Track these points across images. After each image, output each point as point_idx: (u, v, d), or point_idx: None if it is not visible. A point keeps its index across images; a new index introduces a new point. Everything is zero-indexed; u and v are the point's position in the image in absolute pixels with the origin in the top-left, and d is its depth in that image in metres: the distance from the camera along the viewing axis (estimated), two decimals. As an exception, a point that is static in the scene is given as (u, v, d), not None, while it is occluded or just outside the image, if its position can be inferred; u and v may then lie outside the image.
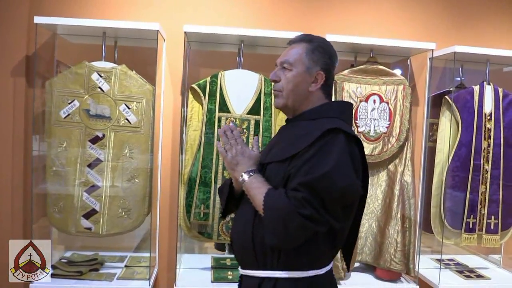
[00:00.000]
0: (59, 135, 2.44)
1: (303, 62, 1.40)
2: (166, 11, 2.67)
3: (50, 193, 2.47)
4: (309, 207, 1.21)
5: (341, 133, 1.29)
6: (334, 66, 1.46)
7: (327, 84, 1.43)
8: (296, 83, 1.40)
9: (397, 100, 2.61)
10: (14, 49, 2.52)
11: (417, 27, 2.90)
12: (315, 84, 1.41)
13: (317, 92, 1.42)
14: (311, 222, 1.22)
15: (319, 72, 1.40)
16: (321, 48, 1.41)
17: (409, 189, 2.60)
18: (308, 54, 1.40)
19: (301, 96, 1.42)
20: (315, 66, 1.40)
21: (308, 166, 1.26)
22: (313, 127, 1.33)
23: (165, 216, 2.72)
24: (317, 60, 1.40)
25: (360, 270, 2.74)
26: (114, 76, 2.44)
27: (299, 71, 1.40)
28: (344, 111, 1.46)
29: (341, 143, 1.28)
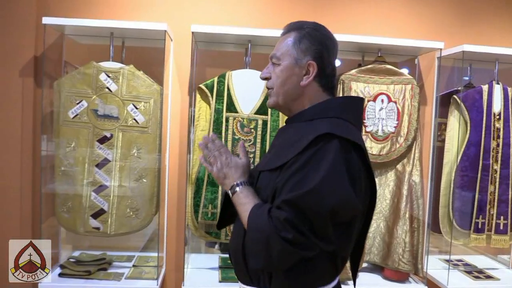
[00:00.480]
0: (68, 135, 2.45)
1: (290, 53, 1.24)
2: (173, 11, 2.68)
3: (59, 193, 2.48)
4: (292, 230, 1.06)
5: (335, 139, 1.11)
6: (331, 53, 1.25)
7: (323, 75, 1.24)
8: (285, 78, 1.25)
9: (405, 99, 2.59)
10: (22, 50, 2.53)
11: (425, 26, 2.88)
12: (307, 77, 1.24)
13: (311, 86, 1.25)
14: (295, 247, 1.07)
15: (309, 62, 1.23)
16: (310, 35, 1.23)
17: (418, 189, 2.58)
18: (296, 43, 1.24)
19: (293, 92, 1.26)
20: (304, 56, 1.23)
21: (294, 180, 1.11)
22: (307, 131, 1.17)
23: (173, 216, 2.72)
24: (306, 49, 1.23)
25: (368, 270, 2.73)
26: (122, 76, 2.45)
27: (287, 64, 1.24)
28: (348, 109, 1.26)
29: (333, 151, 1.10)
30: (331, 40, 1.26)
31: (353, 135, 1.16)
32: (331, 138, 1.11)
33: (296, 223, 1.07)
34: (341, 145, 1.11)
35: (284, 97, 1.28)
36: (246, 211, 1.18)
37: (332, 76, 1.27)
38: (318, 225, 1.08)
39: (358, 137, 1.19)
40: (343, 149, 1.11)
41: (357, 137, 1.18)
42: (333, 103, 1.25)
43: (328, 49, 1.24)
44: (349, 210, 1.12)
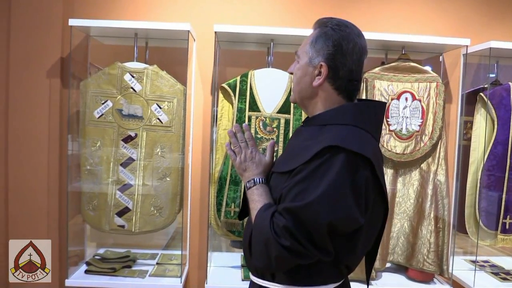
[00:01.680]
0: (93, 135, 2.49)
1: (307, 52, 1.23)
2: (196, 11, 2.70)
3: (85, 191, 2.54)
4: (289, 238, 1.07)
5: (342, 152, 1.08)
6: (347, 55, 1.18)
7: (336, 77, 1.20)
8: (300, 77, 1.25)
9: (430, 97, 2.55)
10: (49, 51, 2.58)
11: (449, 22, 2.83)
12: (319, 78, 1.21)
13: (324, 87, 1.22)
14: (291, 254, 1.08)
15: (321, 63, 1.20)
16: (326, 34, 1.19)
17: (443, 189, 2.54)
18: (313, 43, 1.22)
19: (306, 91, 1.25)
20: (317, 56, 1.20)
21: (297, 190, 1.11)
22: (317, 138, 1.15)
23: (196, 214, 2.75)
24: (320, 49, 1.20)
25: (391, 270, 2.70)
26: (146, 77, 2.48)
27: (303, 63, 1.24)
28: (364, 115, 1.21)
29: (338, 165, 1.07)
30: (349, 42, 1.19)
31: (364, 147, 1.11)
32: (338, 150, 1.09)
33: (294, 232, 1.07)
34: (347, 159, 1.08)
35: (299, 95, 1.28)
36: (255, 209, 1.20)
37: (349, 80, 1.21)
38: (316, 236, 1.08)
39: (370, 148, 1.14)
40: (349, 163, 1.08)
41: (369, 148, 1.13)
42: (348, 109, 1.21)
43: (343, 51, 1.18)
44: (348, 225, 1.10)
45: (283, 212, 1.10)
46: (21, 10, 2.55)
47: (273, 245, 1.09)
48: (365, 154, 1.10)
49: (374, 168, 1.13)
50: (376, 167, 1.13)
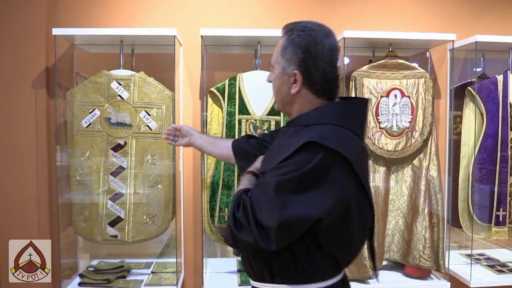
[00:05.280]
0: (82, 145, 2.46)
1: (279, 62, 1.23)
2: (181, 16, 2.68)
3: (75, 202, 2.50)
4: (242, 211, 1.13)
5: (320, 149, 1.08)
6: (318, 58, 1.18)
7: (312, 82, 1.20)
8: (278, 86, 1.27)
9: (419, 93, 2.56)
10: (33, 61, 2.55)
11: (435, 17, 2.85)
12: (295, 86, 1.21)
13: (303, 93, 1.22)
14: (235, 225, 1.13)
15: (294, 72, 1.20)
16: (293, 42, 1.19)
17: (435, 184, 2.54)
18: (283, 51, 1.21)
19: (286, 99, 1.26)
20: (289, 65, 1.21)
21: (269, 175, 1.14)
22: (299, 137, 1.15)
23: (189, 221, 2.72)
24: (290, 58, 1.20)
25: (388, 268, 2.69)
26: (133, 84, 2.45)
27: (277, 73, 1.25)
28: (346, 114, 1.21)
29: (314, 163, 1.08)
30: (317, 45, 1.17)
31: (343, 145, 1.11)
32: (317, 147, 1.08)
33: (248, 208, 1.11)
34: (324, 156, 1.08)
35: (281, 103, 1.30)
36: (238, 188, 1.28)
37: (325, 82, 1.20)
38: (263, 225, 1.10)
39: (351, 147, 1.14)
40: (326, 160, 1.08)
41: (349, 147, 1.13)
42: (329, 109, 1.21)
43: (313, 55, 1.17)
44: (302, 224, 1.10)
45: (251, 195, 1.15)
46: (3, 20, 2.51)
47: (231, 215, 1.16)
48: (343, 152, 1.09)
49: (354, 167, 1.12)
50: (355, 165, 1.12)
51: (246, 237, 1.11)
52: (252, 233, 1.10)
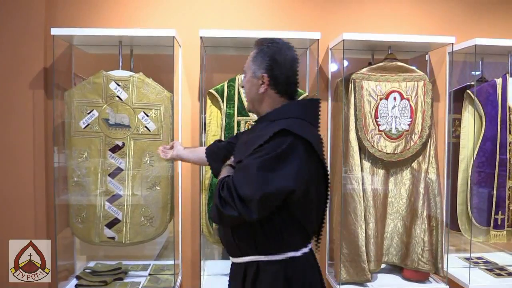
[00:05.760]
0: (80, 145, 2.44)
1: (250, 68, 1.50)
2: (180, 17, 2.67)
3: (72, 203, 2.48)
4: (226, 191, 1.33)
5: (289, 135, 1.33)
6: (282, 65, 1.45)
7: (277, 83, 1.46)
8: (248, 88, 1.52)
9: (418, 96, 2.55)
10: (32, 62, 2.54)
11: (434, 21, 2.85)
12: (263, 86, 1.47)
13: (269, 93, 1.48)
14: (221, 203, 1.33)
15: (262, 75, 1.46)
16: (263, 51, 1.47)
17: (434, 187, 2.54)
18: (253, 59, 1.49)
19: (255, 99, 1.51)
20: (259, 70, 1.47)
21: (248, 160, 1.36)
22: (269, 129, 1.38)
23: (187, 223, 2.70)
24: (259, 63, 1.47)
25: (386, 271, 2.68)
26: (132, 84, 2.44)
27: (249, 77, 1.51)
28: (305, 110, 1.48)
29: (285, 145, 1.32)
30: (282, 54, 1.46)
31: (306, 132, 1.37)
32: (287, 133, 1.34)
33: (231, 187, 1.33)
34: (293, 140, 1.33)
35: (251, 102, 1.55)
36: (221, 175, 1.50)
37: (287, 84, 1.47)
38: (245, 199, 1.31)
39: (311, 134, 1.40)
40: (295, 143, 1.34)
41: (310, 134, 1.39)
42: (291, 106, 1.48)
43: (278, 62, 1.45)
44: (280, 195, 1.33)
45: (233, 177, 1.37)
46: (1, 20, 2.49)
47: (215, 195, 1.36)
48: (306, 137, 1.35)
49: (314, 149, 1.38)
50: (316, 147, 1.39)
51: (231, 212, 1.32)
52: (236, 207, 1.31)
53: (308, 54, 2.70)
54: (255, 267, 1.45)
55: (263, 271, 1.44)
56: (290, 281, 1.42)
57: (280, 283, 1.42)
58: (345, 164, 2.51)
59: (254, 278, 1.45)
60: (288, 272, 1.43)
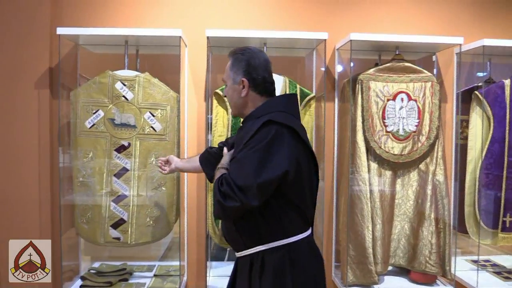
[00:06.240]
0: (85, 145, 2.43)
1: (229, 76, 1.63)
2: (187, 17, 2.66)
3: (78, 204, 2.47)
4: (226, 185, 1.42)
5: (274, 125, 1.45)
6: (258, 68, 1.58)
7: (256, 85, 1.58)
8: (231, 94, 1.64)
9: (426, 97, 2.53)
10: (37, 61, 2.53)
11: (442, 21, 2.83)
12: (244, 90, 1.59)
13: (250, 95, 1.59)
14: (222, 196, 1.41)
15: (241, 80, 1.58)
16: (238, 59, 1.60)
17: (442, 189, 2.51)
18: (231, 68, 1.62)
19: (239, 103, 1.62)
20: (237, 76, 1.59)
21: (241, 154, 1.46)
22: (255, 124, 1.49)
23: (193, 224, 2.69)
24: (237, 70, 1.59)
25: (393, 273, 2.66)
26: (138, 84, 2.43)
27: (229, 84, 1.63)
28: (285, 104, 1.61)
29: (272, 133, 1.43)
30: (255, 58, 1.59)
31: (289, 121, 1.49)
32: (271, 123, 1.46)
33: (230, 181, 1.41)
34: (277, 129, 1.45)
35: (235, 107, 1.66)
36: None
37: (265, 83, 1.60)
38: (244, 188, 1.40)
39: (294, 123, 1.52)
40: (280, 131, 1.45)
41: (292, 122, 1.51)
42: (272, 102, 1.60)
43: (253, 66, 1.58)
44: (275, 180, 1.42)
45: (229, 172, 1.47)
46: (7, 19, 2.49)
47: (216, 192, 1.44)
48: (290, 124, 1.48)
49: (299, 135, 1.50)
50: (300, 133, 1.51)
51: (233, 203, 1.40)
52: (237, 197, 1.39)
53: (315, 54, 2.68)
54: (260, 256, 1.53)
55: (268, 259, 1.51)
56: (294, 262, 1.51)
57: (286, 265, 1.51)
58: (352, 165, 2.49)
59: (260, 267, 1.52)
60: (292, 255, 1.52)
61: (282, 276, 1.50)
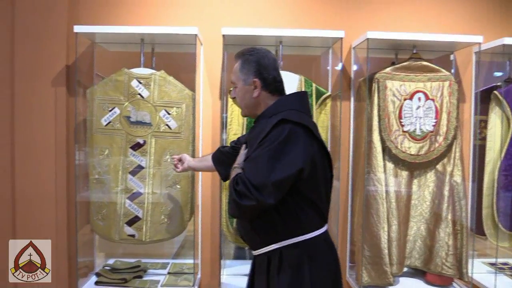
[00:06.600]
0: (101, 143, 2.45)
1: (239, 78, 1.62)
2: (202, 15, 2.66)
3: (93, 200, 2.48)
4: (241, 184, 1.42)
5: (288, 123, 1.45)
6: (268, 67, 1.60)
7: (267, 84, 1.59)
8: (242, 96, 1.64)
9: (443, 97, 2.50)
10: (54, 59, 2.55)
11: (460, 19, 2.78)
12: (256, 90, 1.59)
13: (262, 95, 1.60)
14: (237, 196, 1.41)
15: (253, 80, 1.59)
16: (247, 60, 1.61)
17: (459, 190, 2.47)
18: (241, 69, 1.62)
19: (250, 104, 1.63)
20: (248, 77, 1.60)
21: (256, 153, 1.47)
22: (268, 123, 1.50)
23: (207, 222, 2.69)
24: (247, 71, 1.60)
25: (409, 275, 2.62)
26: (154, 82, 2.43)
27: (240, 85, 1.63)
28: (297, 102, 1.61)
29: (286, 131, 1.43)
30: (265, 58, 1.60)
31: (302, 119, 1.49)
32: (285, 122, 1.46)
33: (246, 181, 1.41)
34: (291, 127, 1.45)
35: (247, 108, 1.66)
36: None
37: (275, 82, 1.61)
38: (260, 187, 1.40)
39: (307, 120, 1.53)
40: (294, 129, 1.45)
41: (306, 120, 1.52)
42: (284, 101, 1.61)
43: (264, 65, 1.59)
44: (290, 178, 1.43)
45: (244, 172, 1.47)
46: (25, 17, 2.51)
47: (231, 191, 1.45)
48: (303, 122, 1.48)
49: (313, 133, 1.51)
50: (313, 130, 1.51)
51: (249, 203, 1.40)
52: (253, 196, 1.39)
53: (331, 53, 2.66)
54: (278, 254, 1.53)
55: (286, 256, 1.52)
56: (312, 259, 1.51)
57: (304, 261, 1.50)
58: (367, 165, 2.47)
59: (278, 264, 1.52)
60: (310, 252, 1.52)
61: (300, 272, 1.50)
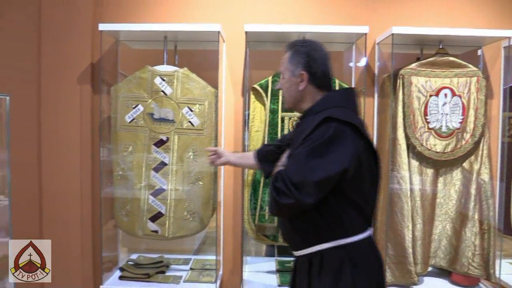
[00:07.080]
0: (125, 140, 2.48)
1: (287, 68, 1.59)
2: (225, 12, 2.66)
3: (117, 196, 2.52)
4: (281, 181, 1.39)
5: (334, 121, 1.40)
6: (318, 61, 1.55)
7: (315, 78, 1.55)
8: (287, 87, 1.60)
9: (471, 93, 2.43)
10: (79, 57, 2.60)
11: (488, 13, 2.70)
12: (302, 83, 1.56)
13: (308, 88, 1.56)
14: (276, 193, 1.40)
15: (300, 73, 1.55)
16: (298, 51, 1.57)
17: (487, 189, 2.41)
18: (290, 60, 1.58)
19: (295, 96, 1.59)
20: (296, 68, 1.56)
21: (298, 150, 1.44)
22: (314, 120, 1.45)
23: (229, 219, 2.69)
24: (297, 63, 1.56)
25: (434, 274, 2.58)
26: (177, 79, 2.45)
27: (287, 77, 1.59)
28: (344, 99, 1.57)
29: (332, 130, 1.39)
30: (316, 51, 1.56)
31: (350, 117, 1.44)
32: (331, 120, 1.41)
33: (285, 178, 1.39)
34: (337, 125, 1.41)
35: (291, 101, 1.62)
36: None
37: (323, 77, 1.56)
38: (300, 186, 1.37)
39: (354, 119, 1.48)
40: (340, 127, 1.41)
41: (353, 118, 1.47)
42: (331, 97, 1.56)
43: (314, 58, 1.54)
44: (334, 178, 1.39)
45: (285, 170, 1.44)
46: (50, 16, 2.56)
47: (271, 188, 1.43)
48: (350, 120, 1.43)
49: (360, 131, 1.45)
50: (361, 129, 1.46)
51: (287, 201, 1.38)
52: (291, 194, 1.36)
53: (354, 49, 2.62)
54: (319, 256, 1.49)
55: (328, 259, 1.48)
56: (355, 264, 1.46)
57: (347, 266, 1.45)
58: (391, 163, 2.43)
59: (319, 267, 1.49)
60: (354, 257, 1.47)
61: (342, 276, 1.45)
